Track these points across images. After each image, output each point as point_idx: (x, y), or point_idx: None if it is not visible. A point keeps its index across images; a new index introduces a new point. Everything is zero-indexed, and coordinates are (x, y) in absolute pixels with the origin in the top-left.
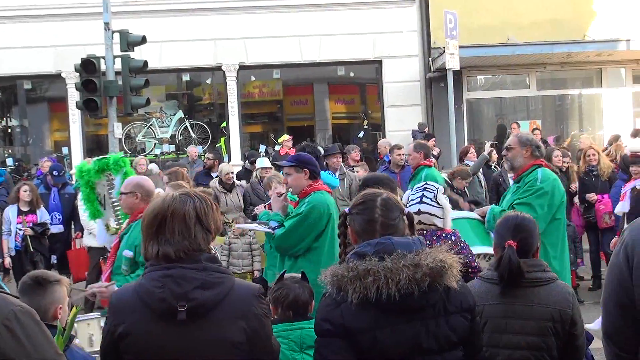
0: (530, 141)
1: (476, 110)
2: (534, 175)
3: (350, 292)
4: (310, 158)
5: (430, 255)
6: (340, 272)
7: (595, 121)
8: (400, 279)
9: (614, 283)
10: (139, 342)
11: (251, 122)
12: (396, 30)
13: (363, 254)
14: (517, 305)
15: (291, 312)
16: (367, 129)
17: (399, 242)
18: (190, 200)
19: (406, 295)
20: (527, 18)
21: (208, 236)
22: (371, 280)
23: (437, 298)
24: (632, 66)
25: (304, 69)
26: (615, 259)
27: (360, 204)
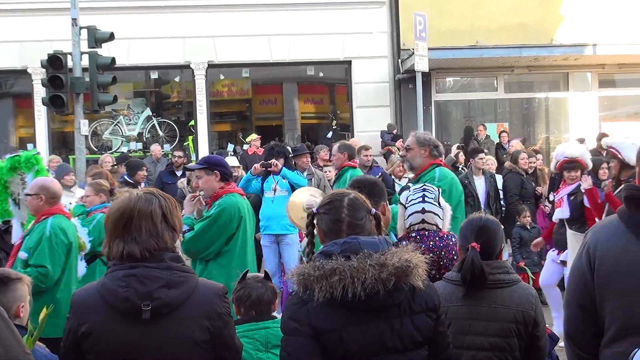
0: (428, 141)
1: (444, 112)
2: (431, 175)
3: (317, 291)
4: (220, 160)
5: (396, 255)
6: (307, 271)
7: (562, 124)
8: (366, 278)
9: (576, 285)
10: (102, 342)
11: (220, 120)
12: (366, 31)
13: (329, 253)
14: (480, 306)
15: (254, 312)
16: (335, 129)
17: (366, 241)
18: (156, 199)
19: (372, 295)
20: (496, 22)
21: (174, 235)
22: (337, 280)
23: (403, 297)
24: (598, 71)
25: (274, 68)
26: (578, 260)
27: (328, 203)
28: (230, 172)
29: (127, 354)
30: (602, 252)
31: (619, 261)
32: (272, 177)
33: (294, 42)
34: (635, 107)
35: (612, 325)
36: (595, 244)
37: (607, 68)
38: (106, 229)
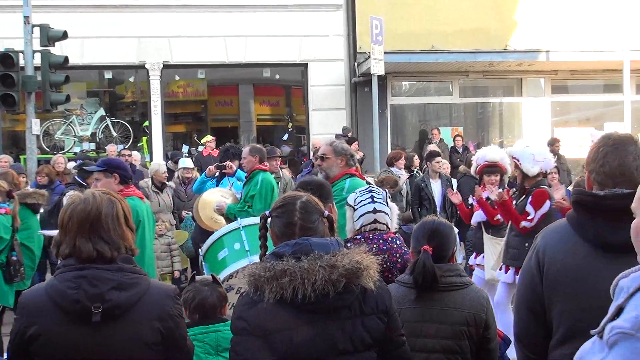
0: (345, 150)
1: (400, 115)
2: (341, 185)
3: (267, 291)
4: (120, 163)
5: (347, 256)
6: (257, 271)
7: (515, 129)
8: (316, 280)
9: (526, 288)
10: (51, 344)
11: (174, 121)
12: (322, 34)
13: (281, 254)
14: (432, 309)
15: (197, 315)
16: (291, 131)
17: (317, 243)
18: (117, 200)
19: (322, 296)
20: (452, 26)
21: (133, 235)
22: (287, 281)
23: (353, 299)
24: (551, 76)
25: (230, 69)
26: (527, 263)
27: (280, 207)
28: (130, 175)
29: (77, 356)
30: (550, 255)
31: (566, 265)
32: (227, 178)
33: (251, 44)
34: (586, 113)
35: (560, 327)
36: (545, 248)
37: (559, 74)
38: (66, 228)
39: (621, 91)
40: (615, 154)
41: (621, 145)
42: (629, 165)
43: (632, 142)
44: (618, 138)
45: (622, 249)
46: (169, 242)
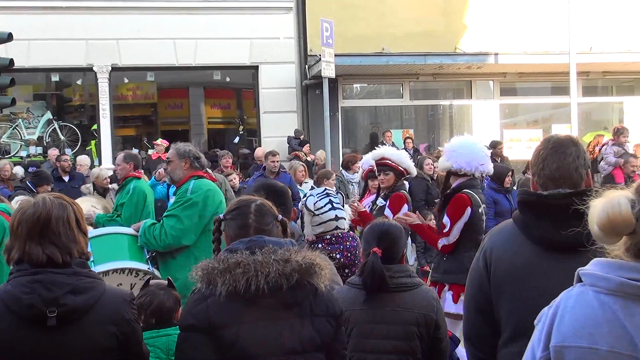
0: (188, 153)
1: (351, 118)
2: (185, 187)
3: (220, 284)
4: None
5: (301, 253)
6: (211, 264)
7: (465, 131)
8: (269, 272)
9: (474, 288)
10: (5, 350)
11: (124, 125)
12: (273, 37)
13: (235, 249)
14: (383, 310)
15: (154, 320)
16: (242, 134)
17: (271, 239)
18: (68, 204)
19: (275, 289)
20: (401, 29)
21: (86, 239)
22: (241, 272)
23: (305, 297)
24: (500, 79)
25: (180, 72)
26: (475, 264)
27: (235, 209)
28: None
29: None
30: (497, 255)
31: (512, 265)
32: None
33: (201, 46)
34: (534, 115)
35: (508, 326)
36: (492, 248)
37: (508, 77)
38: (16, 234)
39: (568, 93)
40: (554, 157)
41: (560, 147)
42: (568, 166)
43: (572, 143)
44: (557, 140)
45: (566, 248)
46: None
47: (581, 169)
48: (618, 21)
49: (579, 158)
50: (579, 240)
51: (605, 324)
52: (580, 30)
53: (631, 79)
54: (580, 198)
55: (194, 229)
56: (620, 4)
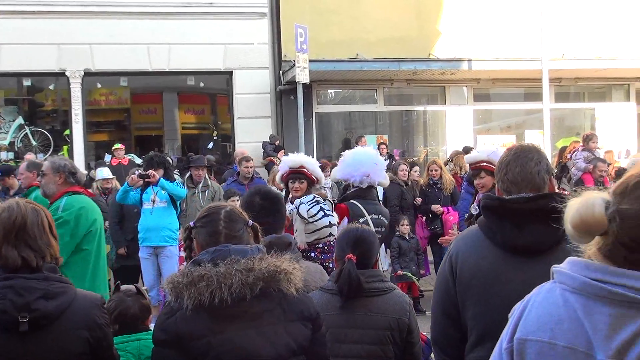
0: (64, 167)
1: (326, 123)
2: (57, 204)
3: (186, 298)
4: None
5: (266, 260)
6: (177, 279)
7: (439, 137)
8: (232, 283)
9: (441, 292)
10: None
11: (97, 130)
12: (247, 42)
13: (199, 261)
14: (356, 315)
15: (117, 326)
16: (216, 139)
17: (235, 249)
18: (40, 209)
19: (239, 300)
20: (376, 35)
21: (57, 244)
22: (204, 285)
23: (274, 304)
24: (473, 85)
25: (153, 77)
26: (442, 268)
27: (205, 216)
28: None
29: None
30: (462, 260)
31: (477, 269)
32: (152, 188)
33: (174, 51)
34: (507, 121)
35: (474, 330)
36: (457, 253)
37: (481, 83)
38: None
39: (541, 100)
40: (517, 161)
41: (522, 153)
42: (530, 170)
43: (534, 150)
44: (520, 147)
45: (528, 252)
46: None
47: (543, 173)
48: (590, 28)
49: (541, 163)
50: (541, 243)
51: (566, 320)
52: (553, 37)
53: (603, 86)
54: (543, 202)
55: (65, 249)
56: (592, 12)
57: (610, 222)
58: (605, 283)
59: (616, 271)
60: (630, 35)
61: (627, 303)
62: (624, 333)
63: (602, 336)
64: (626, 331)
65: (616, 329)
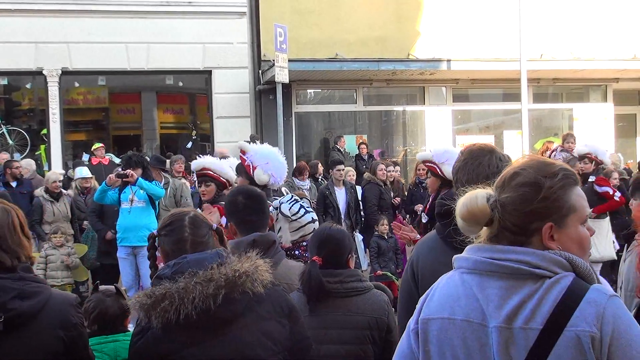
0: None
1: (305, 123)
2: None
3: (153, 318)
4: None
5: (225, 267)
6: (142, 299)
7: (419, 137)
8: (194, 297)
9: (405, 297)
10: None
11: (74, 129)
12: (226, 42)
13: (160, 276)
14: (335, 315)
15: (96, 326)
16: (195, 139)
17: (193, 259)
18: (11, 209)
19: (205, 311)
20: (355, 35)
21: (30, 243)
22: (168, 303)
23: (242, 307)
24: (452, 85)
25: (132, 76)
26: (405, 274)
27: (168, 224)
28: None
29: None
30: (423, 265)
31: (436, 273)
32: (130, 187)
33: (153, 51)
34: (486, 121)
35: None
36: (417, 258)
37: (460, 83)
38: None
39: (519, 100)
40: (465, 169)
41: (471, 159)
42: (477, 177)
43: (487, 152)
44: (470, 152)
45: None
46: (68, 253)
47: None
48: (568, 29)
49: (490, 166)
50: None
51: (463, 297)
52: (531, 38)
53: (581, 86)
54: None
55: None
56: (571, 13)
57: (493, 211)
58: (494, 260)
59: (502, 248)
60: (608, 36)
61: (513, 275)
62: (512, 302)
63: (493, 307)
64: (514, 300)
65: (505, 299)
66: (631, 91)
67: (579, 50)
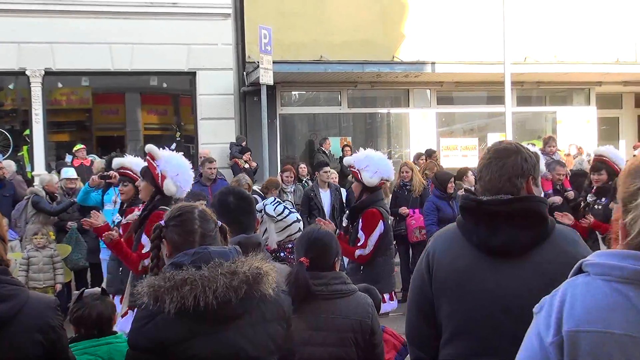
0: None
1: (289, 125)
2: None
3: (168, 302)
4: None
5: (247, 263)
6: (157, 282)
7: (403, 139)
8: (217, 287)
9: (416, 290)
10: None
11: (57, 130)
12: (211, 43)
13: (180, 264)
14: (319, 317)
15: (96, 331)
16: (179, 141)
17: (216, 251)
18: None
19: (224, 303)
20: (340, 37)
21: (5, 246)
22: (188, 290)
23: (254, 306)
24: (437, 88)
25: (115, 77)
26: (419, 266)
27: (178, 215)
28: None
29: None
30: (439, 257)
31: (453, 267)
32: (113, 188)
33: (137, 52)
34: (470, 124)
35: (447, 328)
36: (434, 250)
37: (445, 86)
38: None
39: (503, 103)
40: (488, 168)
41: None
42: (500, 178)
43: (512, 152)
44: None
45: (502, 252)
46: (51, 255)
47: (516, 179)
48: (552, 32)
49: (515, 167)
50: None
51: (618, 309)
52: (515, 41)
53: (564, 89)
54: (519, 204)
55: None
56: (554, 16)
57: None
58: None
59: None
60: (591, 39)
61: None
62: None
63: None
64: None
65: None
66: (614, 94)
67: (562, 54)
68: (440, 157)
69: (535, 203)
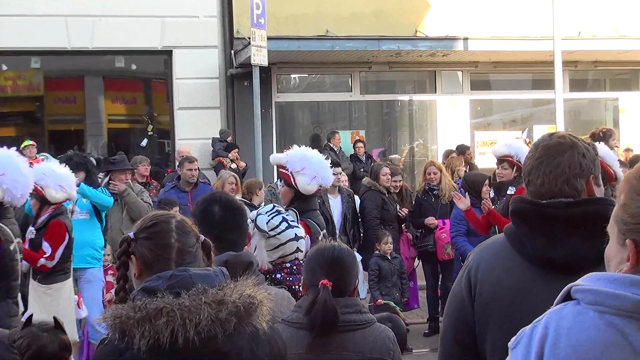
0: None
1: (288, 115)
2: None
3: (138, 337)
4: None
5: (236, 290)
6: (125, 312)
7: (428, 133)
8: (200, 320)
9: (453, 315)
10: None
11: (2, 123)
12: (191, 15)
13: (153, 289)
14: (328, 353)
15: None
16: (152, 135)
17: (199, 274)
18: None
19: (207, 340)
20: (349, 8)
21: None
22: (164, 322)
23: (243, 342)
24: (471, 69)
25: (73, 57)
26: (457, 286)
27: (151, 226)
28: None
29: None
30: (483, 275)
31: (501, 286)
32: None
33: (99, 26)
34: (512, 114)
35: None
36: (478, 266)
37: (480, 67)
38: None
39: (552, 88)
40: (539, 170)
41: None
42: (555, 181)
43: (568, 147)
44: (545, 147)
45: (563, 268)
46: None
47: (575, 179)
48: (612, 1)
49: (572, 166)
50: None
51: (613, 348)
52: (567, 12)
53: (627, 71)
54: (587, 208)
55: None
56: None
57: None
58: None
59: None
60: None
61: None
62: None
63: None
64: None
65: None
66: None
67: (624, 27)
68: (475, 154)
69: (606, 207)
